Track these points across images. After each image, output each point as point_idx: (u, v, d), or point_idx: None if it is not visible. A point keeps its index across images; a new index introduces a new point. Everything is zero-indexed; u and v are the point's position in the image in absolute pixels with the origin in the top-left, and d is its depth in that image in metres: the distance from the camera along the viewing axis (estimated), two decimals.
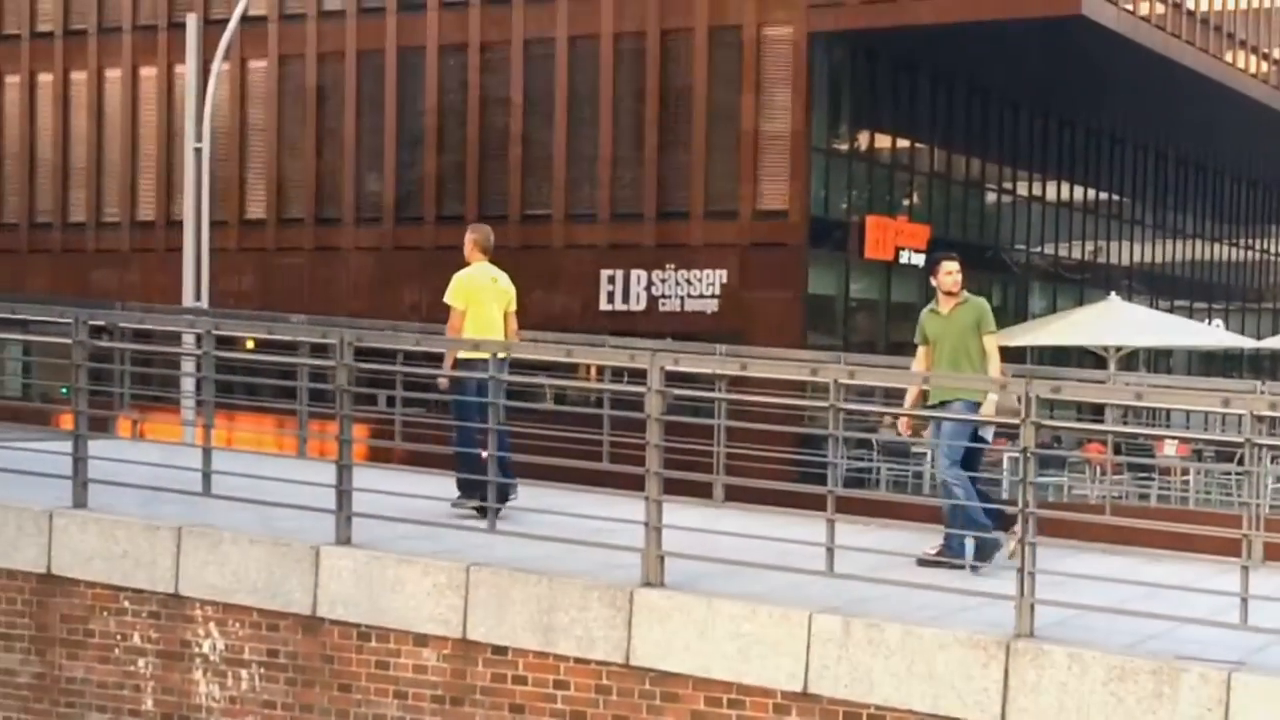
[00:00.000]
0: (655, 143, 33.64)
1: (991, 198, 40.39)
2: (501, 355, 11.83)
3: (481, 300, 12.76)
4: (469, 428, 12.11)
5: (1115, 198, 45.51)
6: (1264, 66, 43.31)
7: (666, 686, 9.69)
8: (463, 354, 12.36)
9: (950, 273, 11.83)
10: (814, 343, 31.18)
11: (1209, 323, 43.77)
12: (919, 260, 34.99)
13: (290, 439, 18.17)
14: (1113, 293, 33.64)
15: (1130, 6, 34.24)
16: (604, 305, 33.71)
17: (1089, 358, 32.05)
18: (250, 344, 21.94)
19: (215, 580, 11.16)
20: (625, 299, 33.64)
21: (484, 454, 11.35)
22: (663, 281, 33.34)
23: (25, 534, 11.84)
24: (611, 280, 33.84)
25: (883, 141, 36.25)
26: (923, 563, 10.98)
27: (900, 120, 36.04)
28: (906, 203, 36.67)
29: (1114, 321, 30.55)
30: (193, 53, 25.48)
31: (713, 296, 32.88)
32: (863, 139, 35.67)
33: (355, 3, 36.67)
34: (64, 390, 33.33)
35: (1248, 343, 39.17)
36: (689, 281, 33.12)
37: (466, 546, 10.86)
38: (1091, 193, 44.52)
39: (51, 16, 40.50)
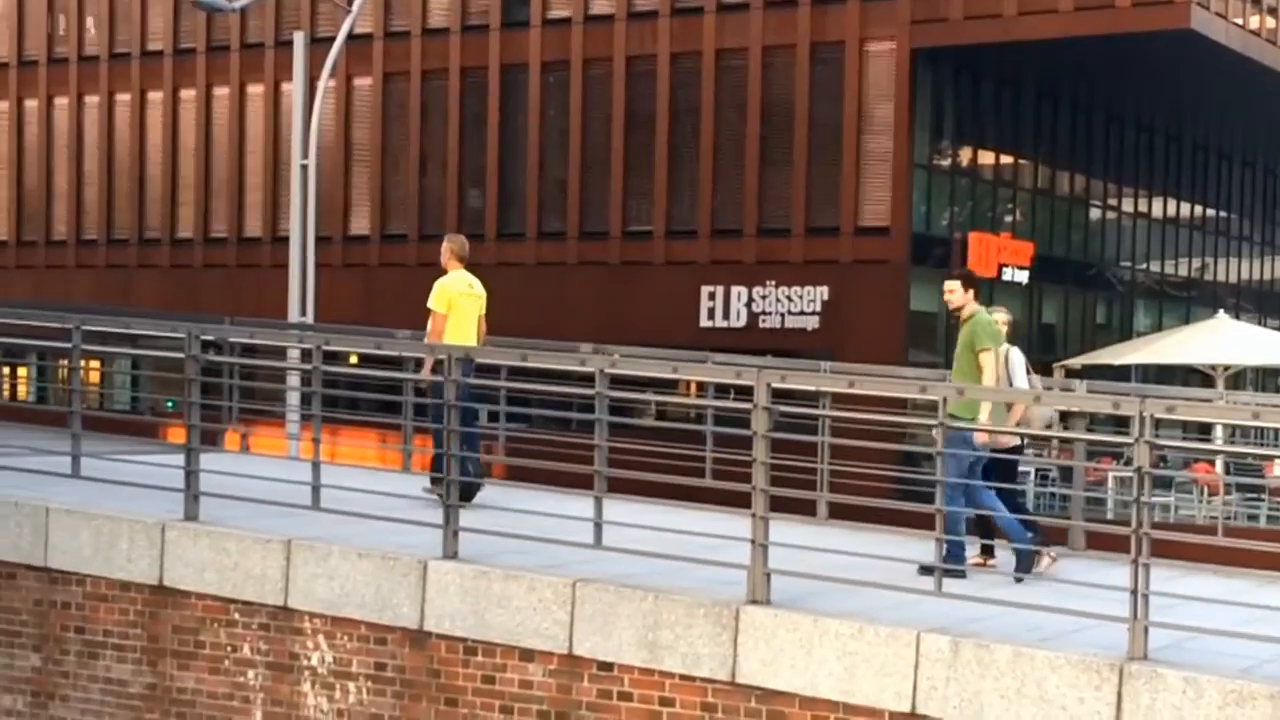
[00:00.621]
0: (756, 159, 33.61)
1: (1096, 214, 39.97)
2: (473, 360, 12.63)
3: (460, 305, 13.86)
4: (441, 426, 12.21)
5: (1222, 214, 44.89)
6: None
7: (772, 705, 9.65)
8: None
9: (949, 292, 12.00)
10: (914, 360, 30.96)
11: None
12: (1022, 277, 34.69)
13: (393, 453, 18.31)
14: (1220, 310, 33.15)
15: (1240, 20, 33.77)
16: (704, 322, 33.70)
17: (1195, 376, 31.60)
18: (354, 359, 22.15)
19: (324, 593, 11.26)
20: (725, 315, 33.61)
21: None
22: (763, 298, 33.28)
23: (138, 546, 12.01)
24: (712, 297, 33.83)
25: (986, 157, 35.99)
26: (924, 570, 10.67)
27: (1003, 136, 35.78)
28: (1010, 219, 36.38)
29: (1222, 340, 30.08)
30: (299, 70, 25.75)
31: (813, 313, 32.77)
32: (965, 155, 35.42)
33: (459, 20, 36.96)
34: (170, 404, 33.71)
35: None
36: (789, 298, 33.04)
37: (571, 562, 10.88)
38: (1198, 209, 43.95)
39: (161, 35, 41.16)
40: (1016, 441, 12.03)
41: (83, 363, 14.23)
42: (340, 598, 11.19)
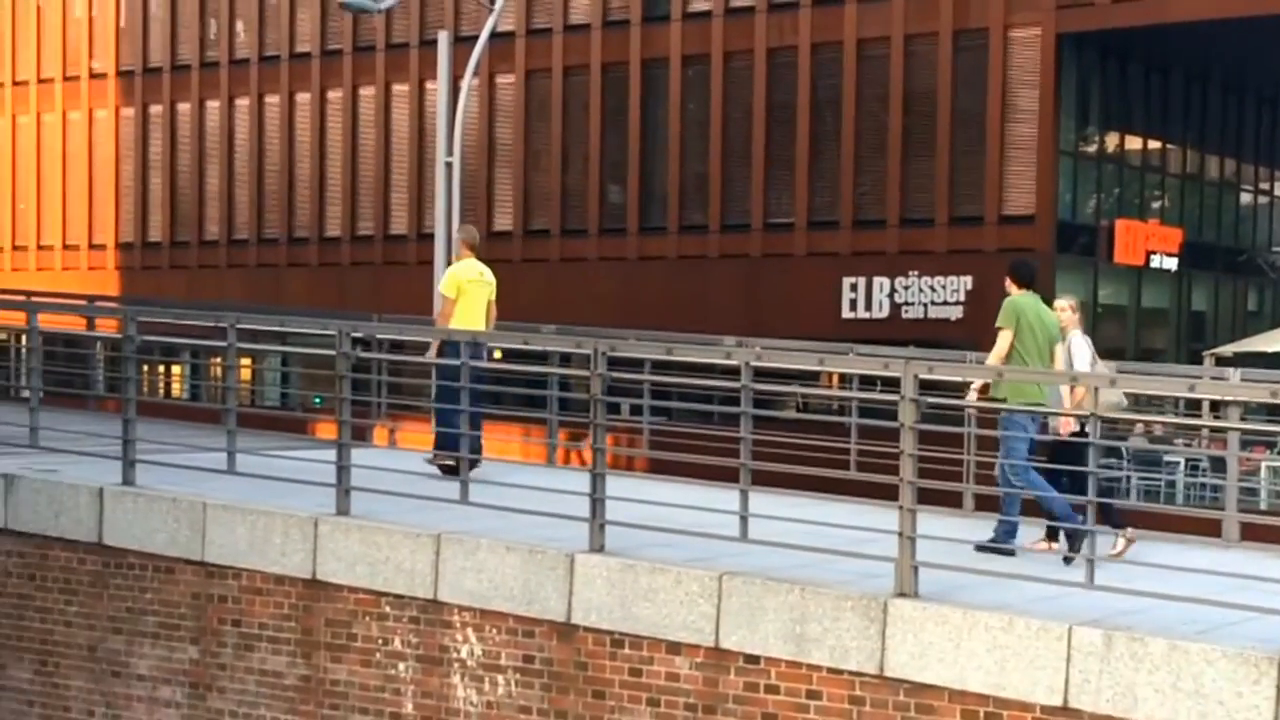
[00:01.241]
0: (899, 149, 33.36)
1: (1247, 198, 39.15)
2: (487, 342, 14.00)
3: (469, 291, 14.76)
4: (448, 405, 13.71)
5: None
6: None
7: (921, 698, 9.59)
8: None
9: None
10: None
11: None
12: (1171, 265, 34.09)
13: (536, 447, 18.45)
14: None
15: None
16: (846, 313, 33.54)
17: None
18: (498, 354, 22.36)
19: (473, 586, 11.38)
20: (868, 306, 33.42)
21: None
22: (906, 288, 33.04)
23: (292, 540, 12.23)
24: (854, 288, 33.65)
25: (1133, 143, 35.41)
26: (980, 548, 11.24)
27: (1151, 121, 35.18)
28: (1157, 205, 35.76)
29: None
30: (444, 69, 25.99)
31: (957, 303, 32.46)
32: (1112, 141, 34.87)
33: (600, 16, 37.13)
34: (317, 400, 34.17)
35: None
36: (933, 288, 32.76)
37: (717, 555, 10.89)
38: None
39: (309, 38, 41.83)
40: (1077, 426, 11.93)
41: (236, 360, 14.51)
42: (489, 591, 11.31)
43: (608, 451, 11.38)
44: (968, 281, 32.23)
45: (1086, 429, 11.60)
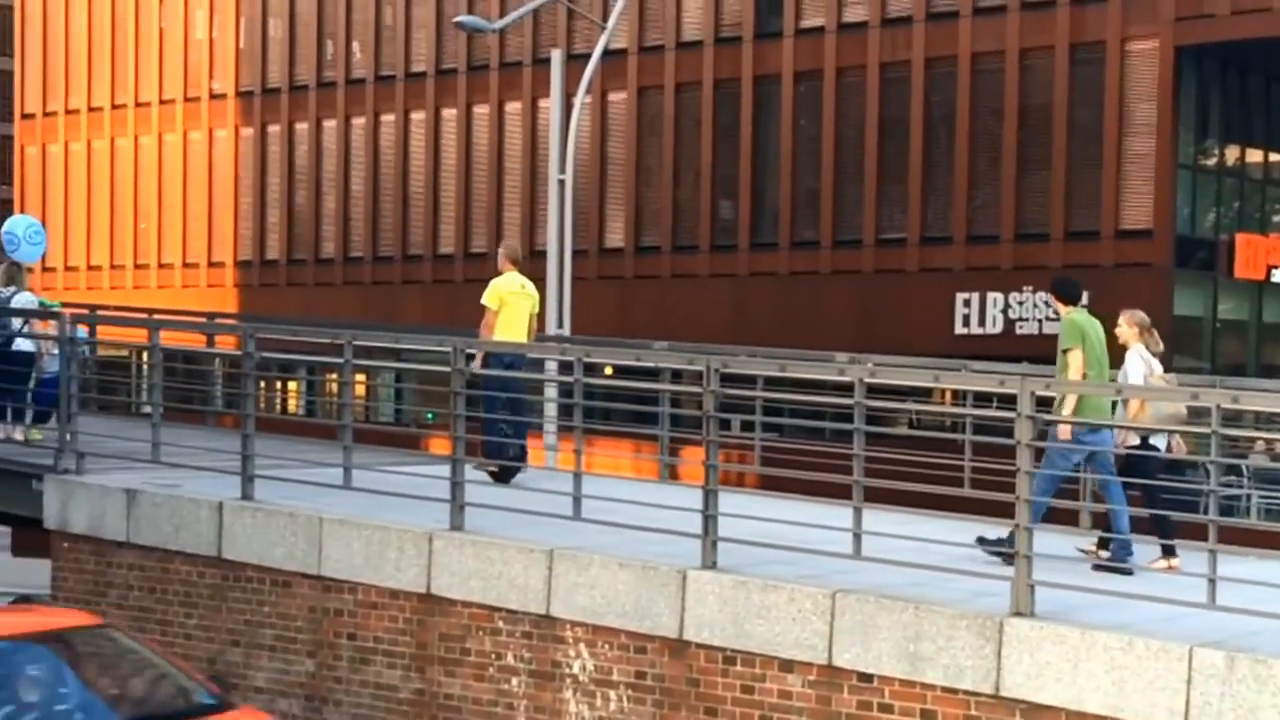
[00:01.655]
0: (1013, 163, 33.09)
1: None
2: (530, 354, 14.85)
3: (511, 303, 15.25)
4: (493, 414, 14.47)
5: None
6: None
7: (1038, 718, 9.48)
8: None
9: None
10: (1179, 366, 30.04)
11: None
12: None
13: (647, 463, 18.46)
14: None
15: None
16: (958, 329, 33.28)
17: None
18: (608, 370, 22.43)
19: (585, 602, 11.41)
20: (981, 322, 33.14)
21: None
22: (1020, 304, 32.73)
23: (406, 555, 12.33)
24: (967, 304, 33.39)
25: (1253, 156, 34.85)
26: (1097, 568, 11.37)
27: (1272, 133, 34.60)
28: (1279, 219, 35.14)
29: None
30: (557, 87, 26.18)
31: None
32: (1231, 154, 34.34)
33: (713, 33, 37.19)
34: (429, 416, 34.47)
35: None
36: (1048, 304, 32.36)
37: (829, 572, 10.83)
38: None
39: (425, 57, 42.27)
40: (1139, 440, 11.98)
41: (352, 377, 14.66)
42: (601, 606, 11.33)
43: (720, 468, 11.37)
44: (1084, 297, 31.80)
45: (1151, 442, 11.86)
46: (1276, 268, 33.40)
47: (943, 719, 9.84)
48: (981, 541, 11.42)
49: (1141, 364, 12.49)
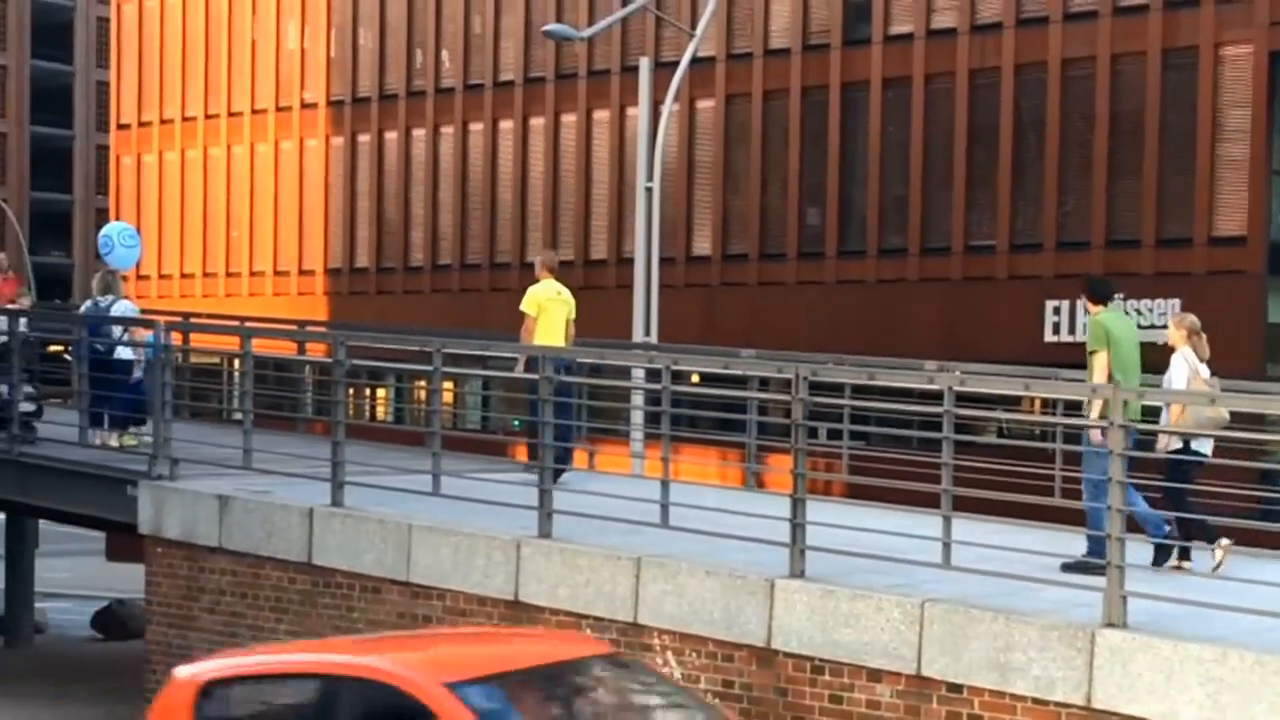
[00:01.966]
0: (1104, 169, 32.74)
1: None
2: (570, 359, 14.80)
3: (549, 309, 16.06)
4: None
5: None
6: None
7: None
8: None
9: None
10: (1273, 375, 29.68)
11: None
12: None
13: (732, 471, 18.44)
14: None
15: None
16: (1049, 337, 32.95)
17: None
18: (695, 378, 22.42)
19: (673, 610, 11.41)
20: (1071, 330, 32.79)
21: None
22: None
23: (494, 562, 12.39)
24: (1056, 311, 33.06)
25: None
26: (1066, 567, 11.26)
27: None
28: None
29: None
30: (645, 95, 26.20)
31: (1164, 327, 31.62)
32: None
33: (801, 40, 37.06)
34: (515, 423, 34.75)
35: None
36: (1139, 311, 31.95)
37: (917, 581, 10.78)
38: None
39: (513, 66, 42.46)
40: (1180, 444, 11.89)
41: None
42: (688, 615, 11.33)
43: (807, 476, 11.34)
44: (1175, 305, 31.41)
45: (1194, 446, 11.83)
46: None
47: None
48: (1066, 569, 11.24)
49: (1185, 367, 12.43)
